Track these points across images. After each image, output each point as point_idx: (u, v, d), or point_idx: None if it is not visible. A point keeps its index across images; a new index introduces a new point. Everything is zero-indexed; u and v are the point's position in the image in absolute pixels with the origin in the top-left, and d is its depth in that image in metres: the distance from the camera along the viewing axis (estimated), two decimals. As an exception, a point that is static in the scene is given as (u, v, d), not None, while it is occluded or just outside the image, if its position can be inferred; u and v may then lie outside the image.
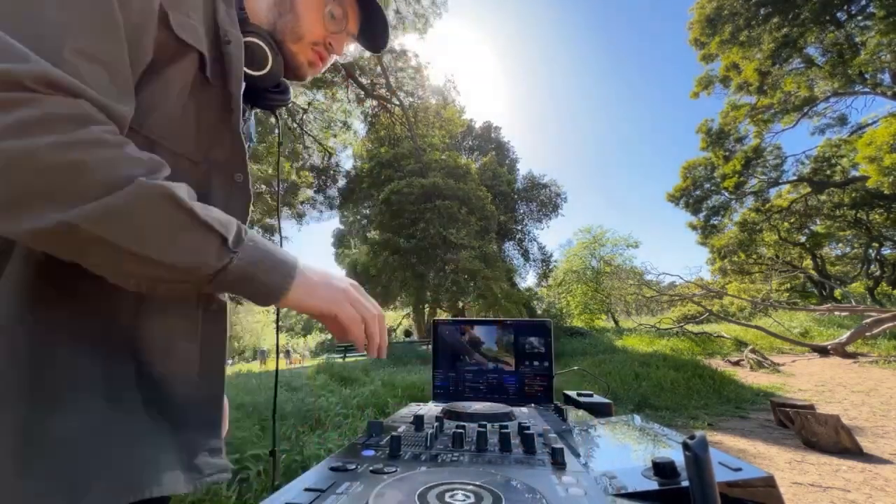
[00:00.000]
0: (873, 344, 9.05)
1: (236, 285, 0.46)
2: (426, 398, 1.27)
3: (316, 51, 0.69)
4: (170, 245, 0.41)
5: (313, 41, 0.68)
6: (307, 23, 0.66)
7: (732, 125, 19.82)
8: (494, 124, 26.24)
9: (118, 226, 0.39)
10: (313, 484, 0.37)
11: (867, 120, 16.55)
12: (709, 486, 0.26)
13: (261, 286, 0.48)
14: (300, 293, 0.52)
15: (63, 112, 0.38)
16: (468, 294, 14.86)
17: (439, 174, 15.67)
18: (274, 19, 0.65)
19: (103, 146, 0.39)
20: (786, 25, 14.47)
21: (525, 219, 23.65)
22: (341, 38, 0.71)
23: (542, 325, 1.09)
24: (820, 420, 3.51)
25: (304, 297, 0.52)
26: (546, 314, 19.67)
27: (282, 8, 0.65)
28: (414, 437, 0.57)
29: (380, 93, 14.32)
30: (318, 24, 0.67)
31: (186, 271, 0.43)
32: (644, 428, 0.58)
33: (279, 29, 0.65)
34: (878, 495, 2.56)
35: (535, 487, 0.36)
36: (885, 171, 12.17)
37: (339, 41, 0.71)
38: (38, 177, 0.36)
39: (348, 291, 0.57)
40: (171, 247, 0.41)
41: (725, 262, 23.19)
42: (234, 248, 0.45)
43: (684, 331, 12.35)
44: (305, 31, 0.67)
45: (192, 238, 0.42)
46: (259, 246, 0.49)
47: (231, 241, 0.45)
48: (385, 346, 0.60)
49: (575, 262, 21.59)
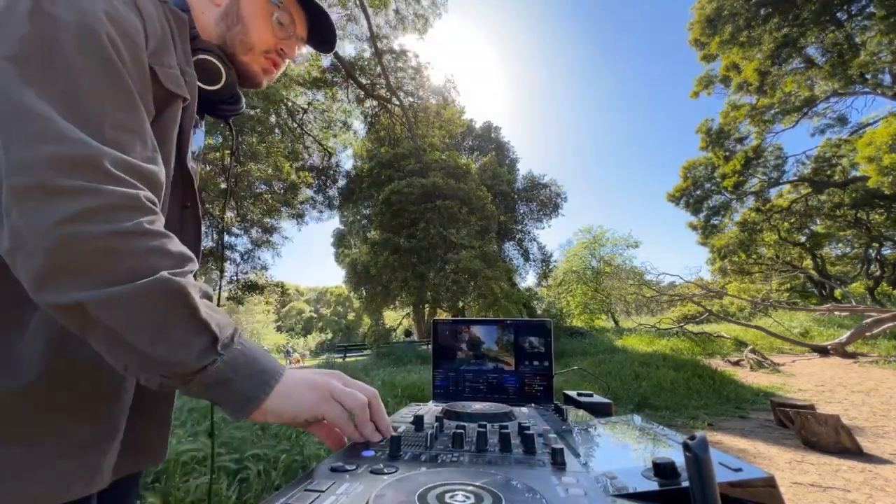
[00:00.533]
0: (873, 344, 9.05)
1: (213, 389, 0.45)
2: (426, 398, 1.27)
3: (269, 58, 0.71)
4: (160, 337, 0.42)
5: (264, 49, 0.70)
6: (256, 32, 0.67)
7: (733, 125, 19.82)
8: (494, 124, 26.25)
9: (118, 312, 0.41)
10: (313, 484, 0.37)
11: (867, 120, 16.57)
12: (709, 487, 0.26)
13: (235, 393, 0.46)
14: (277, 403, 0.49)
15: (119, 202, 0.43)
16: (468, 294, 14.87)
17: (439, 174, 15.67)
18: (223, 32, 0.67)
19: (144, 237, 0.44)
20: (786, 25, 14.47)
21: (525, 219, 23.65)
22: (291, 42, 0.72)
23: (542, 324, 1.09)
24: (820, 420, 3.51)
25: (283, 406, 0.49)
26: (546, 314, 19.67)
27: (229, 21, 0.67)
28: (414, 438, 0.57)
29: (380, 93, 14.31)
30: (267, 33, 0.68)
31: (168, 364, 0.43)
32: (644, 428, 0.58)
33: (229, 42, 0.67)
34: (878, 495, 2.56)
35: (535, 488, 0.36)
36: (884, 171, 12.17)
37: (290, 46, 0.72)
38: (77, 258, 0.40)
39: (331, 386, 0.53)
40: (161, 339, 0.42)
41: (725, 262, 23.19)
42: (223, 350, 0.46)
43: (684, 331, 12.35)
44: (255, 41, 0.68)
45: (183, 334, 0.43)
46: (247, 352, 0.48)
47: (221, 344, 0.46)
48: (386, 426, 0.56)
49: (575, 262, 21.60)
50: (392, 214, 15.58)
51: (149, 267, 0.43)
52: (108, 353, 0.43)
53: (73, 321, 0.42)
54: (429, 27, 13.18)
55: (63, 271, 0.40)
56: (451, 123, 15.78)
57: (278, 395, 0.49)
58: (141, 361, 0.43)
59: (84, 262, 0.40)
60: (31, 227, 0.39)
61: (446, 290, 14.52)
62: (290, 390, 0.50)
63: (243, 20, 0.67)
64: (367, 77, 13.88)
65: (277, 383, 0.49)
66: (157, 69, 0.54)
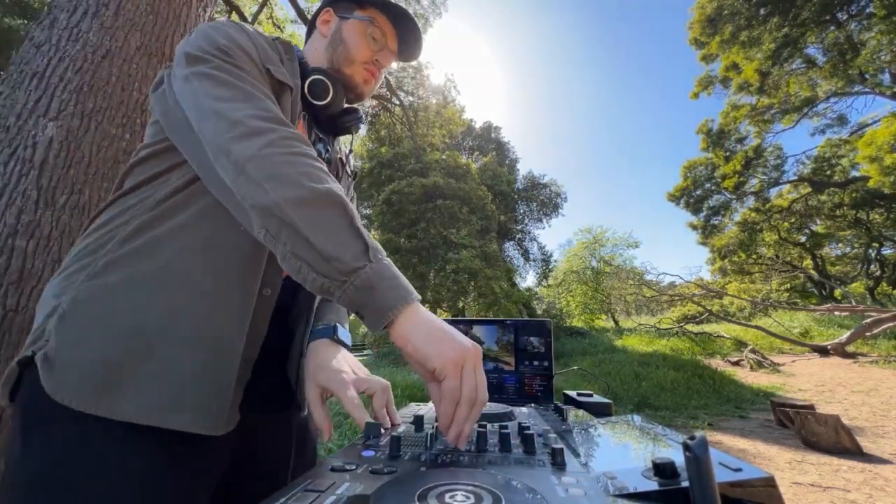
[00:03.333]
0: (873, 344, 9.05)
1: (360, 293, 0.52)
2: (426, 398, 1.27)
3: (367, 69, 0.85)
4: (327, 236, 0.52)
5: (364, 61, 0.84)
6: (355, 47, 0.83)
7: (733, 125, 19.81)
8: (494, 124, 26.23)
9: (304, 212, 0.53)
10: (313, 484, 0.37)
11: (867, 120, 16.55)
12: (709, 487, 0.26)
13: (378, 299, 0.52)
14: (411, 322, 0.52)
15: (290, 134, 0.59)
16: (468, 294, 14.86)
17: (440, 174, 15.67)
18: (331, 55, 0.83)
19: (312, 158, 0.59)
20: (786, 25, 14.46)
21: (525, 219, 23.64)
22: (385, 54, 0.86)
23: (542, 324, 1.08)
24: (820, 420, 3.51)
25: (417, 336, 0.52)
26: (546, 314, 19.66)
27: (334, 44, 0.84)
28: (414, 438, 0.57)
29: (380, 92, 14.30)
30: (365, 47, 0.83)
31: (328, 261, 0.51)
32: (644, 428, 0.58)
33: (336, 60, 0.83)
34: (878, 495, 2.56)
35: (535, 488, 0.36)
36: (886, 171, 12.17)
37: (384, 57, 0.86)
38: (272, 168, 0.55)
39: (469, 353, 0.52)
40: (328, 238, 0.52)
41: (725, 262, 23.18)
42: (372, 257, 0.53)
43: (684, 331, 12.34)
44: (355, 55, 0.83)
45: (343, 237, 0.53)
46: (392, 268, 0.55)
47: (371, 251, 0.53)
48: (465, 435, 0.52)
49: (575, 262, 21.59)
50: (392, 214, 15.58)
51: (319, 178, 0.56)
52: (291, 252, 0.53)
53: (271, 222, 0.54)
54: (429, 27, 13.16)
55: (267, 179, 0.54)
56: (452, 123, 15.78)
57: (412, 315, 0.53)
58: (314, 259, 0.52)
59: (277, 171, 0.54)
60: (243, 153, 0.55)
61: (446, 290, 14.51)
62: (426, 323, 0.54)
63: (345, 40, 0.83)
64: (367, 77, 13.84)
65: (415, 305, 0.54)
66: (270, 67, 0.71)
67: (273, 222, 0.54)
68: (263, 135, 0.57)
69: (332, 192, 0.55)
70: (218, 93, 0.61)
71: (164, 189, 0.65)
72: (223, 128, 0.58)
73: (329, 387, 0.68)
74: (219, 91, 0.61)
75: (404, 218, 15.42)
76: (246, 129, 0.57)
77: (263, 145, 0.56)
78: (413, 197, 15.14)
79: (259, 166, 0.55)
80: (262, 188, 0.54)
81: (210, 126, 0.59)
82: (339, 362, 0.72)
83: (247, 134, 0.57)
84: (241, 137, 0.56)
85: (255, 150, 0.55)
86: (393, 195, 15.28)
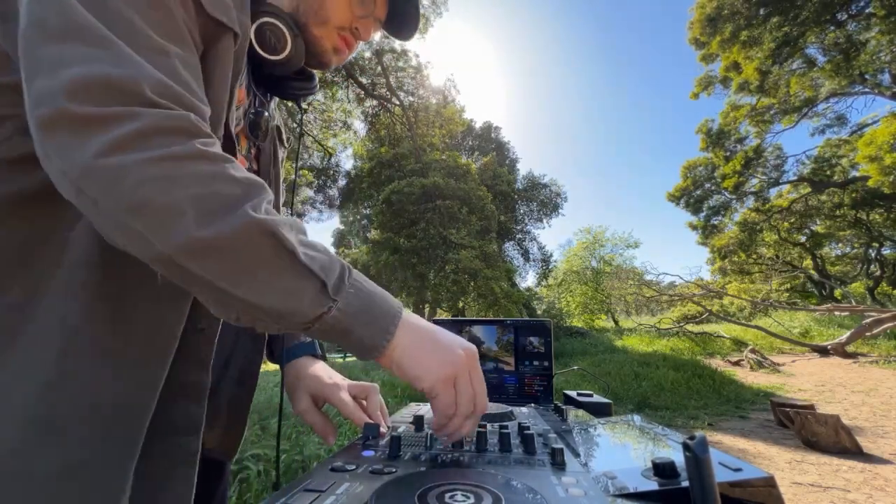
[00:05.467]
0: (873, 344, 9.05)
1: (333, 336, 0.43)
2: (426, 398, 1.27)
3: (342, 36, 0.65)
4: (266, 288, 0.38)
5: (339, 25, 0.63)
6: (333, 5, 0.62)
7: (733, 125, 19.81)
8: (494, 124, 26.24)
9: (206, 263, 0.36)
10: (313, 484, 0.37)
11: (867, 120, 16.56)
12: (709, 487, 0.26)
13: (357, 341, 0.44)
14: (399, 353, 0.46)
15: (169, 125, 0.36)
16: (468, 294, 14.86)
17: (439, 174, 15.67)
18: (298, 3, 0.61)
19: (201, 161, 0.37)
20: (786, 25, 14.46)
21: (525, 219, 23.63)
22: (368, 23, 0.66)
23: (542, 324, 1.08)
24: (820, 420, 3.51)
25: (403, 359, 0.46)
26: (546, 314, 19.66)
27: None
28: (414, 438, 0.57)
29: (380, 92, 14.32)
30: (345, 8, 0.63)
31: (280, 316, 0.39)
32: (644, 428, 0.58)
33: (302, 11, 0.61)
34: (878, 495, 2.56)
35: (535, 488, 0.36)
36: (885, 171, 12.17)
37: (367, 26, 0.66)
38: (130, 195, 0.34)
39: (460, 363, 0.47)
40: (268, 290, 0.38)
41: (725, 262, 23.18)
42: (335, 295, 0.41)
43: (684, 331, 12.34)
44: (331, 14, 0.62)
45: (287, 283, 0.39)
46: (361, 294, 0.44)
47: (331, 287, 0.41)
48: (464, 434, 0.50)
49: (575, 262, 21.61)
50: (392, 214, 15.57)
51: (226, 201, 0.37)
52: (219, 305, 0.40)
53: (171, 271, 0.37)
54: (429, 26, 13.19)
55: (131, 211, 0.34)
56: (452, 123, 15.80)
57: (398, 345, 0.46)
58: (251, 312, 0.39)
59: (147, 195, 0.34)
60: (71, 167, 0.33)
61: (446, 291, 14.52)
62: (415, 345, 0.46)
63: None
64: (367, 76, 13.89)
65: (400, 329, 0.46)
66: None
67: (172, 272, 0.37)
68: (111, 125, 0.34)
69: (256, 223, 0.37)
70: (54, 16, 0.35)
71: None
72: (35, 99, 0.34)
73: (322, 394, 0.68)
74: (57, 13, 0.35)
75: (404, 218, 15.41)
76: (74, 113, 0.33)
77: (109, 147, 0.33)
78: (413, 197, 15.13)
79: (107, 189, 0.33)
80: (127, 228, 0.35)
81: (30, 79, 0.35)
82: (327, 371, 0.73)
83: (76, 122, 0.33)
84: (65, 126, 0.33)
85: (92, 156, 0.33)
86: (393, 195, 15.27)
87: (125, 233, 0.35)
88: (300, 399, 0.69)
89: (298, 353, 0.74)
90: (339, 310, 0.41)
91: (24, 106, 0.35)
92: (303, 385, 0.69)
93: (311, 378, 0.70)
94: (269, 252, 0.38)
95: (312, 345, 0.77)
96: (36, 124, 0.34)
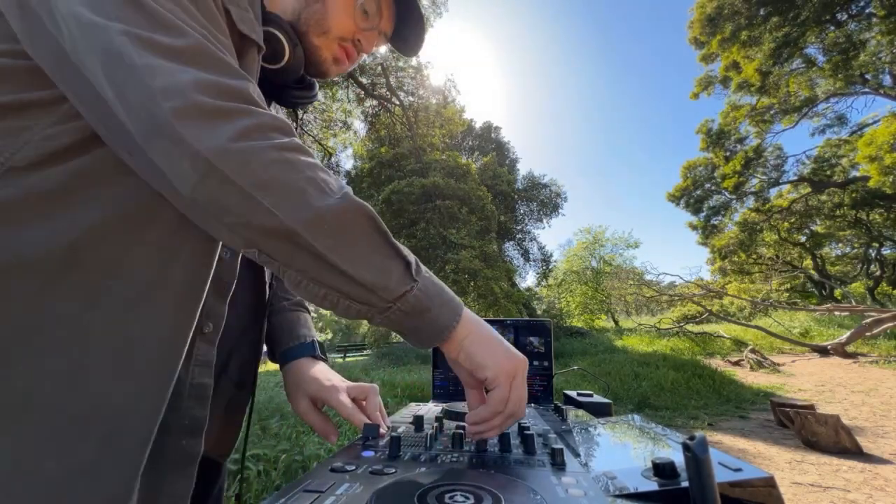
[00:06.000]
0: (873, 344, 9.05)
1: (409, 317, 0.45)
2: (426, 398, 1.27)
3: (343, 47, 0.64)
4: (364, 262, 0.42)
5: (340, 36, 0.62)
6: (335, 15, 0.61)
7: (733, 125, 19.82)
8: (494, 124, 26.23)
9: (323, 232, 0.40)
10: (313, 484, 0.37)
11: (867, 120, 16.57)
12: (709, 487, 0.26)
13: (433, 321, 0.46)
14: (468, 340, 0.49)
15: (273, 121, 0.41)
16: (468, 294, 14.86)
17: (439, 174, 15.67)
18: (300, 9, 0.60)
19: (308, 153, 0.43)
20: (786, 25, 14.47)
21: (525, 219, 23.63)
22: (372, 35, 0.65)
23: (542, 324, 1.08)
24: (820, 420, 3.51)
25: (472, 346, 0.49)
26: (546, 314, 19.67)
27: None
28: (413, 438, 0.57)
29: (380, 92, 14.33)
30: (348, 18, 0.62)
31: (371, 291, 0.43)
32: (644, 428, 0.58)
33: (304, 20, 0.60)
34: (878, 495, 2.56)
35: (535, 488, 0.36)
36: (885, 171, 12.18)
37: (370, 39, 0.65)
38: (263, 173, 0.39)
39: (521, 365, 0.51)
40: (365, 265, 0.42)
41: (725, 262, 23.19)
42: (416, 276, 0.45)
43: (684, 331, 12.35)
44: (332, 25, 0.61)
45: (382, 259, 0.43)
46: (434, 280, 0.48)
47: (413, 269, 0.45)
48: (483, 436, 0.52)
49: (575, 262, 21.63)
50: (392, 214, 15.57)
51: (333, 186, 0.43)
52: (312, 283, 0.43)
53: (276, 246, 0.41)
54: (429, 26, 13.17)
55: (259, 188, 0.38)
56: (452, 123, 15.80)
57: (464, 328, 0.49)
58: (345, 287, 0.42)
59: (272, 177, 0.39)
60: (206, 148, 0.37)
61: (446, 290, 14.50)
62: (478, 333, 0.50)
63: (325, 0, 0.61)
64: (367, 76, 13.89)
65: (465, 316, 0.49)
66: (231, 8, 0.48)
67: (279, 247, 0.41)
68: (235, 117, 0.39)
69: (358, 204, 0.43)
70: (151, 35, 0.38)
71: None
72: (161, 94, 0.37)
73: (321, 395, 0.68)
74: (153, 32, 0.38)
75: (404, 218, 15.42)
76: (205, 104, 0.37)
77: (238, 135, 0.38)
78: (413, 197, 15.14)
79: (240, 167, 0.38)
80: (253, 201, 0.38)
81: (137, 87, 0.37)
82: (326, 373, 0.72)
83: (208, 113, 0.38)
84: (197, 116, 0.37)
85: (226, 140, 0.37)
86: (392, 195, 15.27)
87: (249, 207, 0.38)
88: (299, 401, 0.69)
89: (298, 355, 0.74)
90: (419, 289, 0.45)
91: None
92: (302, 387, 0.69)
93: (309, 380, 0.70)
94: (370, 230, 0.43)
95: (312, 346, 0.76)
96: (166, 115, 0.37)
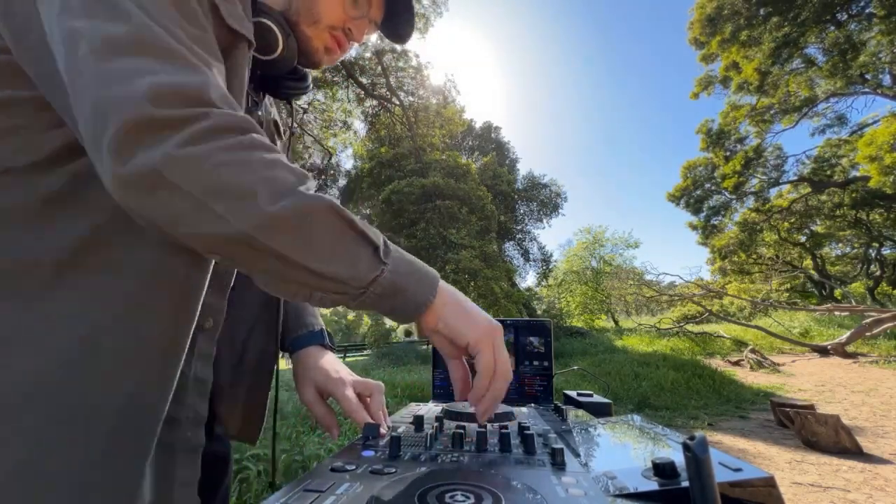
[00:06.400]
0: (873, 344, 9.05)
1: (384, 298, 0.45)
2: (426, 398, 1.27)
3: (334, 36, 0.64)
4: (329, 255, 0.42)
5: (331, 25, 0.62)
6: (325, 4, 0.61)
7: (733, 125, 19.82)
8: (494, 124, 26.23)
9: (281, 235, 0.39)
10: (313, 484, 0.37)
11: (867, 120, 16.57)
12: (709, 487, 0.26)
13: (409, 298, 0.47)
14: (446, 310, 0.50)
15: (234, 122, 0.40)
16: (468, 294, 14.86)
17: (439, 174, 15.67)
18: (290, 1, 0.60)
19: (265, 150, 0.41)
20: (786, 25, 14.47)
21: (525, 219, 23.63)
22: (362, 24, 0.65)
23: (542, 325, 1.08)
24: (820, 420, 3.51)
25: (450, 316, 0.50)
26: (546, 314, 19.67)
27: None
28: (413, 438, 0.57)
29: (380, 92, 14.33)
30: (338, 7, 0.62)
31: (342, 282, 0.42)
32: (644, 428, 0.58)
33: (294, 9, 0.60)
34: (878, 495, 2.56)
35: (535, 488, 0.36)
36: (885, 171, 12.18)
37: (360, 27, 0.65)
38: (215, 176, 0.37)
39: (497, 329, 0.52)
40: (331, 258, 0.42)
41: (725, 262, 23.19)
42: (384, 258, 0.45)
43: (684, 331, 12.35)
44: (323, 14, 0.61)
45: (347, 248, 0.43)
46: (405, 257, 0.48)
47: (381, 251, 0.45)
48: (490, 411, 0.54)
49: (575, 262, 21.62)
50: (392, 214, 15.57)
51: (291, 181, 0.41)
52: (280, 281, 0.43)
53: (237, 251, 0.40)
54: (429, 26, 13.19)
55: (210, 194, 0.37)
56: (452, 123, 15.80)
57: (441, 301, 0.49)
58: (313, 282, 0.42)
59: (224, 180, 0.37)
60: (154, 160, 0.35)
61: (446, 290, 14.50)
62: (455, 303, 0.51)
63: None
64: (367, 76, 13.89)
65: (441, 288, 0.49)
66: (219, 3, 0.47)
67: (238, 251, 0.39)
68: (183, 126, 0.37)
69: (315, 198, 0.41)
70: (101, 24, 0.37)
71: None
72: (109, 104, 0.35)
73: (327, 387, 0.68)
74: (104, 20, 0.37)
75: (404, 218, 15.41)
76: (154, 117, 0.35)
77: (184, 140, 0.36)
78: (413, 197, 15.13)
79: (187, 174, 0.36)
80: (205, 209, 0.37)
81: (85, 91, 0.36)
82: (334, 364, 0.72)
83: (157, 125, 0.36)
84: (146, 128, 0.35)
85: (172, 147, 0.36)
86: (392, 195, 15.27)
87: (201, 215, 0.37)
88: (306, 389, 0.69)
89: (306, 343, 0.74)
90: (390, 271, 0.45)
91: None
92: (309, 375, 0.70)
93: (317, 369, 0.70)
94: (331, 220, 0.42)
95: (321, 335, 0.76)
96: (118, 128, 0.35)
